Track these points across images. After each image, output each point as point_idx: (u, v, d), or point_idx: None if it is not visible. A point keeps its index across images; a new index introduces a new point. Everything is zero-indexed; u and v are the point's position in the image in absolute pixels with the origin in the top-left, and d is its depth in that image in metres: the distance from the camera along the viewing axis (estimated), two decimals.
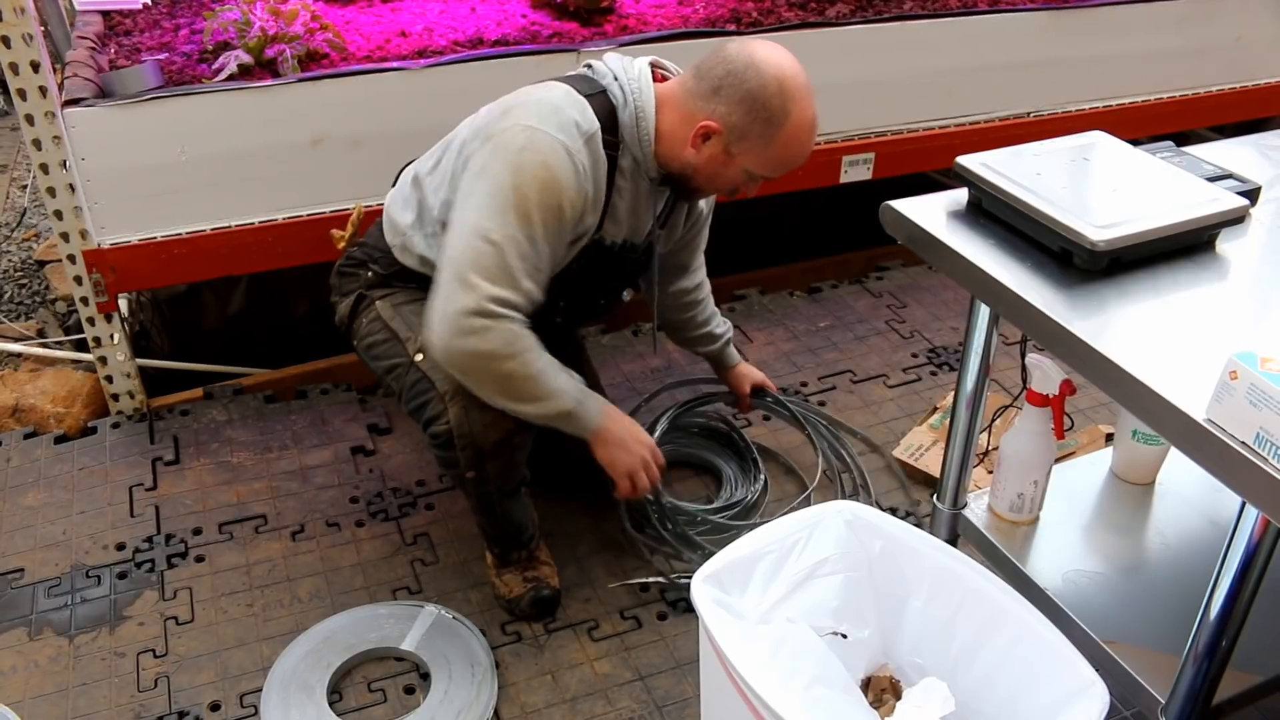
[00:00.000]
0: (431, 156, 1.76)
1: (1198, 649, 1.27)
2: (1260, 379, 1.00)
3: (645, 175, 1.69)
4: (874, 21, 2.61)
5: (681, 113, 1.63)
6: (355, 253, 1.87)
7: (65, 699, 1.73)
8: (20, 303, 3.05)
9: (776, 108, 1.58)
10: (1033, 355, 1.57)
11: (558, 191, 1.55)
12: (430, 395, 1.67)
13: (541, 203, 1.54)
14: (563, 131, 1.56)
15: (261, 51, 2.24)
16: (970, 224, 1.44)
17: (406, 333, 1.75)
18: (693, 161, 1.64)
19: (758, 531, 1.43)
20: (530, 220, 1.54)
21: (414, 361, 1.70)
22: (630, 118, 1.63)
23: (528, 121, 1.56)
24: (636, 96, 1.63)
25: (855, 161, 2.71)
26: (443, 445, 1.67)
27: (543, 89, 1.64)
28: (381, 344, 1.78)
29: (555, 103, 1.59)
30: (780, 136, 1.60)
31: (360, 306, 1.83)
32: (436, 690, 1.73)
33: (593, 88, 1.65)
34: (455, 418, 1.63)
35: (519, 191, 1.53)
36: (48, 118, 2.04)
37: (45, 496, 2.16)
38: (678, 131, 1.64)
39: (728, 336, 2.16)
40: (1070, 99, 2.94)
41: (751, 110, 1.58)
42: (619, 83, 1.64)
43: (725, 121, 1.59)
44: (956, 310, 2.83)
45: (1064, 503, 1.72)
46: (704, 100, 1.60)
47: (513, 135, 1.55)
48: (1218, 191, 1.39)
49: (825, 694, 1.28)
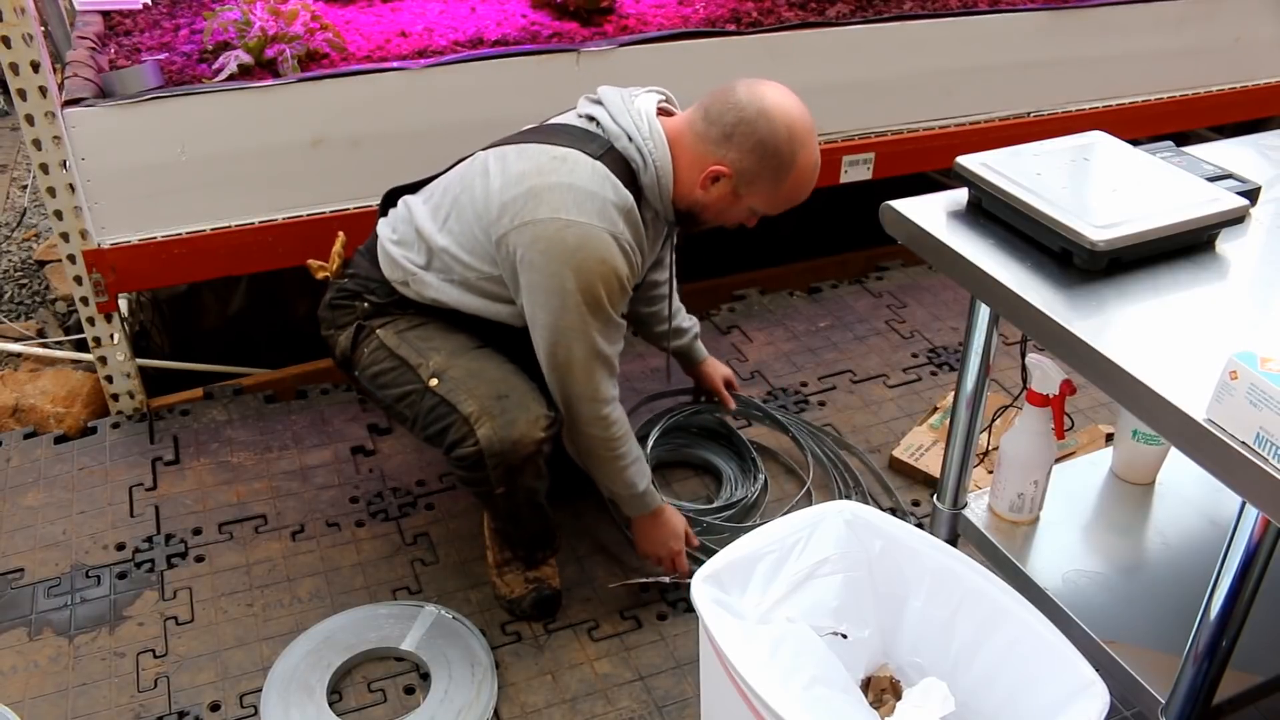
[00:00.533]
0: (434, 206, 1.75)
1: (1198, 649, 1.27)
2: (1260, 379, 1.00)
3: (664, 221, 1.76)
4: (874, 21, 2.61)
5: (692, 155, 1.67)
6: (347, 284, 1.84)
7: (65, 699, 1.74)
8: (20, 303, 3.05)
9: (786, 154, 1.62)
10: (1033, 355, 1.57)
11: (620, 278, 1.63)
12: (452, 419, 1.67)
13: (610, 294, 1.63)
14: (604, 219, 1.60)
15: (261, 51, 2.24)
16: (970, 224, 1.44)
17: (417, 359, 1.73)
18: (701, 200, 1.69)
19: (758, 531, 1.43)
20: (609, 311, 1.65)
21: (429, 387, 1.70)
22: (652, 179, 1.67)
23: (570, 216, 1.59)
24: (656, 159, 1.66)
25: (855, 161, 2.71)
26: (470, 467, 1.67)
27: (563, 166, 1.63)
28: (389, 372, 1.76)
29: (586, 187, 1.61)
30: (788, 180, 1.65)
31: (360, 337, 1.80)
32: (436, 690, 1.73)
33: (602, 146, 1.66)
34: (486, 438, 1.63)
35: (590, 293, 1.61)
36: (48, 118, 2.04)
37: (45, 496, 2.16)
38: (687, 174, 1.68)
39: (695, 331, 2.17)
40: (1070, 99, 2.94)
41: (763, 158, 1.62)
42: (635, 144, 1.66)
43: (736, 167, 1.64)
44: (956, 310, 2.83)
45: (1064, 503, 1.72)
46: (715, 145, 1.64)
47: (561, 235, 1.58)
48: (1218, 191, 1.39)
49: (825, 694, 1.28)
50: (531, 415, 1.65)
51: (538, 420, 1.65)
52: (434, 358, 1.72)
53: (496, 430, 1.63)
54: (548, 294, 1.62)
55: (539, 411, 1.66)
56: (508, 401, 1.65)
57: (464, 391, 1.67)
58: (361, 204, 2.31)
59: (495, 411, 1.64)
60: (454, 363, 1.71)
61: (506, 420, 1.63)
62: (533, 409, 1.66)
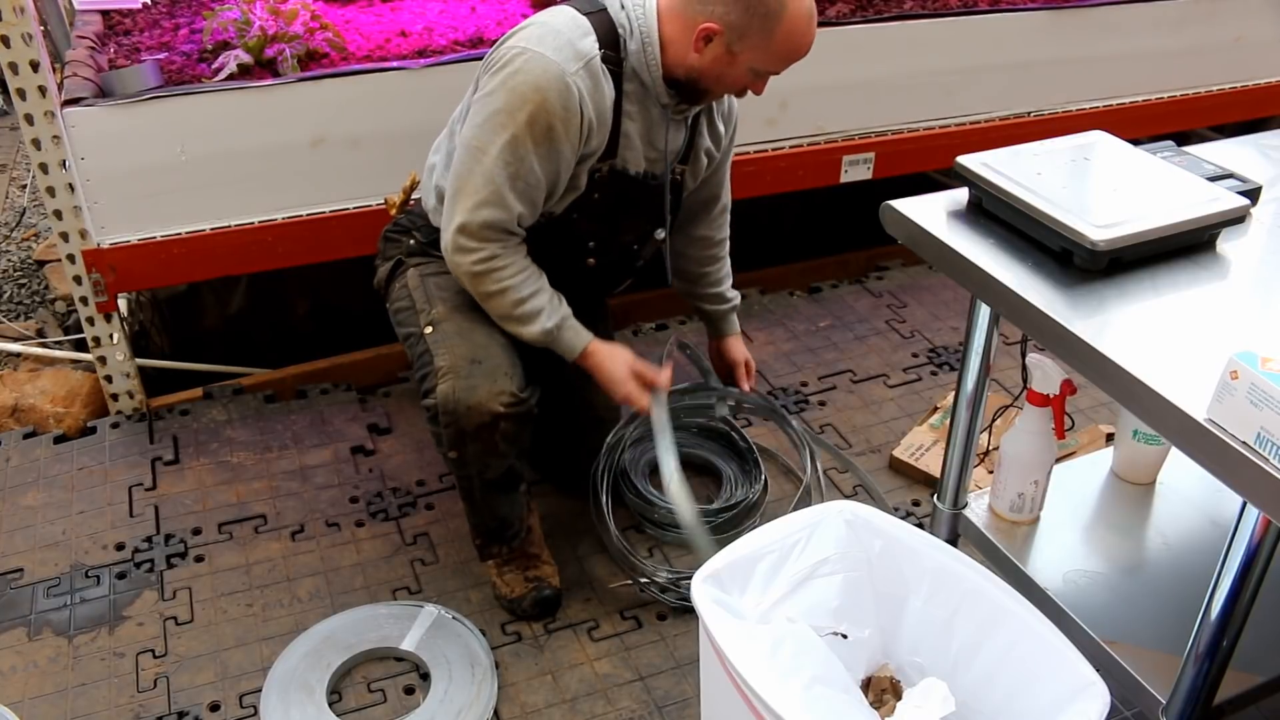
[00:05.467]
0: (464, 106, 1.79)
1: (1199, 649, 1.27)
2: (1261, 379, 1.00)
3: (657, 101, 1.72)
4: (874, 21, 2.60)
5: (681, 19, 1.65)
6: (402, 219, 1.93)
7: (64, 699, 1.73)
8: (20, 302, 3.05)
9: (772, 1, 1.60)
10: (1033, 355, 1.57)
11: (547, 114, 1.59)
12: (429, 368, 1.70)
13: (532, 125, 1.59)
14: (559, 54, 1.59)
15: (261, 51, 2.24)
16: (970, 224, 1.43)
17: (424, 304, 1.78)
18: (697, 65, 1.66)
19: (758, 531, 1.43)
20: (519, 143, 1.60)
21: (423, 333, 1.74)
22: (638, 46, 1.66)
23: (525, 44, 1.61)
24: (642, 24, 1.66)
25: (855, 161, 2.71)
26: (431, 419, 1.70)
27: (550, 13, 1.67)
28: (404, 311, 1.82)
29: (556, 26, 1.63)
30: (780, 29, 1.62)
31: (396, 272, 1.87)
32: (436, 690, 1.73)
33: (594, 5, 1.67)
34: (443, 394, 1.65)
35: (510, 114, 1.59)
36: (47, 117, 2.04)
37: (44, 496, 2.16)
38: (680, 38, 1.66)
39: (735, 303, 2.15)
40: (1070, 99, 2.94)
41: (749, 7, 1.60)
42: (625, 11, 1.66)
43: (724, 21, 1.61)
44: (956, 310, 2.83)
45: (1064, 503, 1.71)
46: (701, 3, 1.62)
47: (509, 58, 1.61)
48: (1218, 191, 1.39)
49: (825, 694, 1.28)
50: (496, 387, 1.65)
51: (500, 394, 1.65)
52: (437, 307, 1.76)
53: (456, 390, 1.64)
54: (477, 111, 1.63)
55: (505, 386, 1.66)
56: (478, 367, 1.66)
57: (445, 346, 1.70)
58: (361, 204, 2.31)
59: (463, 373, 1.65)
60: (451, 317, 1.74)
61: (469, 384, 1.64)
62: (500, 382, 1.66)
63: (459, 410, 1.65)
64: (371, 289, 1.96)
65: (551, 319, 1.71)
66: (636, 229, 1.87)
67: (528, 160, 1.62)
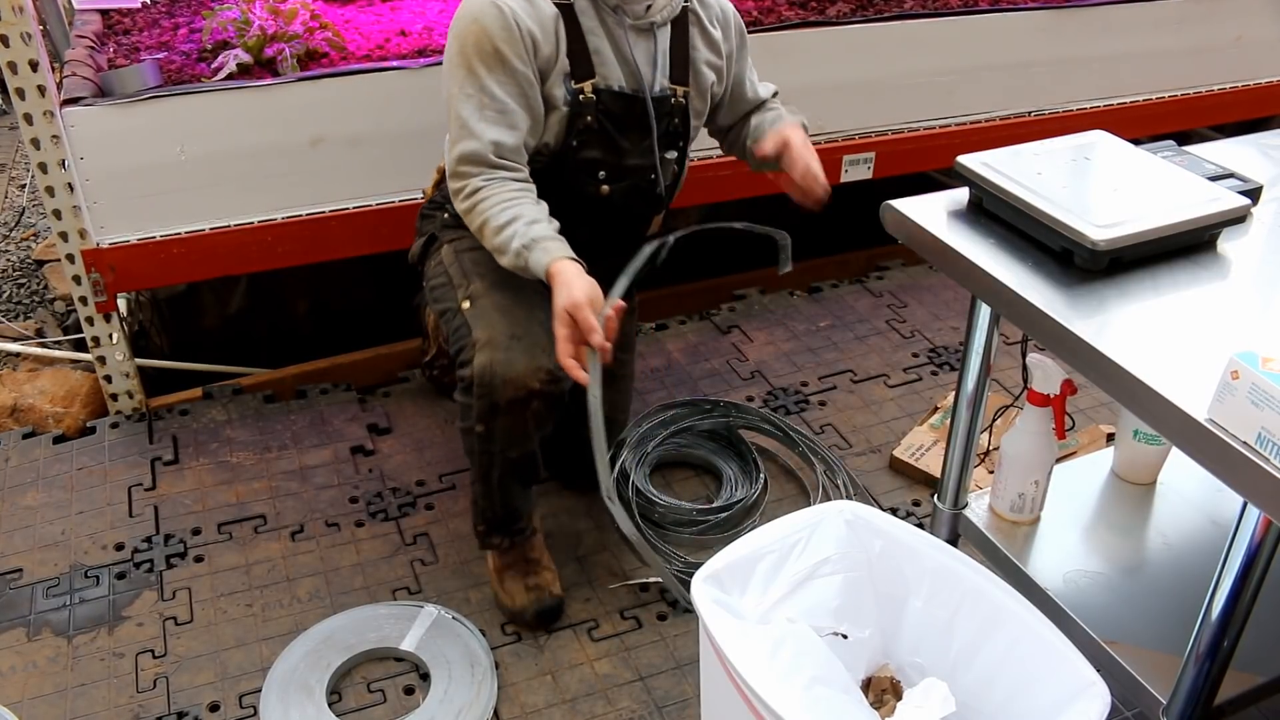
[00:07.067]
0: None
1: (1199, 649, 1.27)
2: (1262, 379, 1.00)
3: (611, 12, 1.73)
4: (874, 21, 2.60)
5: None
6: (436, 196, 1.94)
7: (64, 699, 1.73)
8: (19, 302, 3.05)
9: None
10: (1033, 355, 1.57)
11: (488, 39, 1.64)
12: (466, 341, 1.70)
13: (479, 53, 1.65)
14: None
15: (261, 50, 2.24)
16: (971, 224, 1.43)
17: (461, 279, 1.78)
18: None
19: (758, 531, 1.43)
20: (474, 72, 1.66)
21: (461, 309, 1.74)
22: None
23: None
24: None
25: (855, 161, 2.71)
26: (465, 390, 1.70)
27: None
28: (440, 288, 1.82)
29: None
30: None
31: (431, 247, 1.89)
32: (436, 690, 1.73)
33: None
34: (480, 365, 1.64)
35: (460, 53, 1.66)
36: (46, 117, 2.04)
37: (44, 496, 2.15)
38: None
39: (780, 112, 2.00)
40: (1071, 98, 2.94)
41: None
42: None
43: None
44: (957, 310, 2.83)
45: (1065, 503, 1.71)
46: None
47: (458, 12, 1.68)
48: (1219, 191, 1.39)
49: (825, 694, 1.28)
50: (535, 363, 1.63)
51: (538, 370, 1.63)
52: (475, 283, 1.75)
53: (494, 362, 1.63)
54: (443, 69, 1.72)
55: (544, 364, 1.64)
56: (517, 343, 1.65)
57: (484, 320, 1.69)
58: (361, 203, 2.31)
59: (502, 346, 1.64)
60: (491, 294, 1.73)
61: (508, 358, 1.63)
62: (538, 359, 1.64)
63: (495, 383, 1.63)
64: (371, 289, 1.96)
65: (521, 240, 1.62)
66: (640, 150, 1.83)
67: (487, 87, 1.66)
